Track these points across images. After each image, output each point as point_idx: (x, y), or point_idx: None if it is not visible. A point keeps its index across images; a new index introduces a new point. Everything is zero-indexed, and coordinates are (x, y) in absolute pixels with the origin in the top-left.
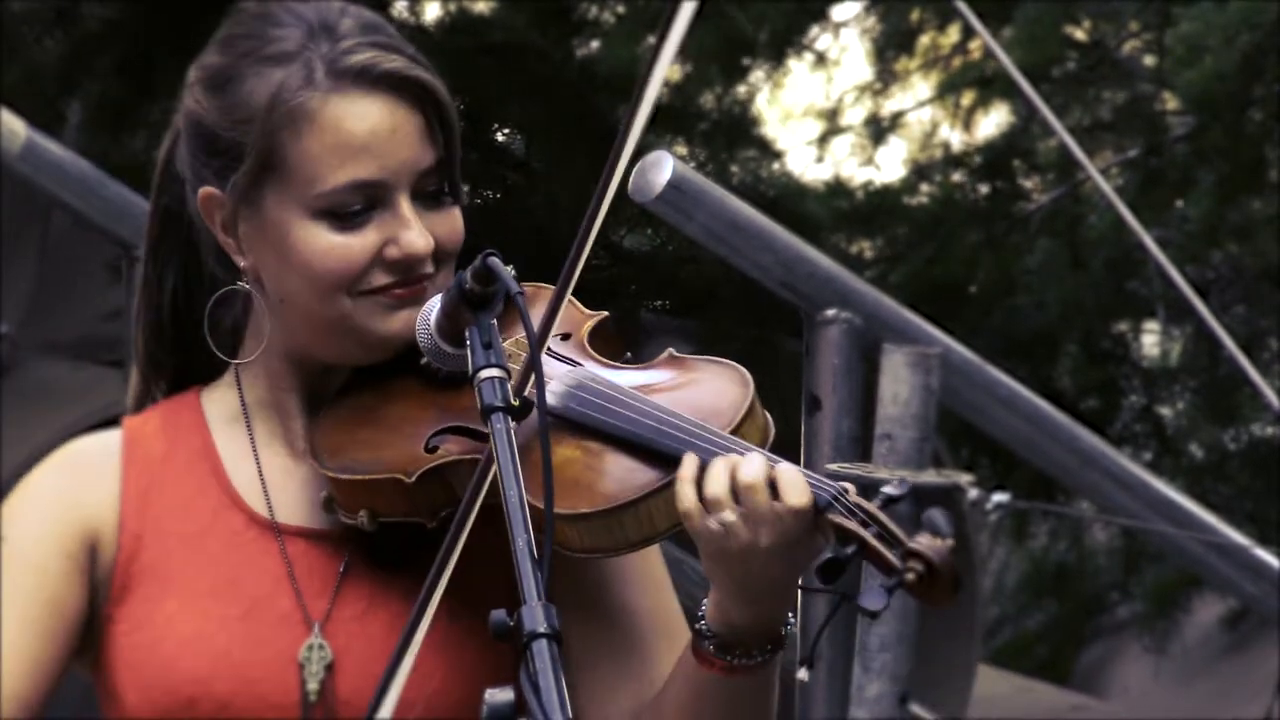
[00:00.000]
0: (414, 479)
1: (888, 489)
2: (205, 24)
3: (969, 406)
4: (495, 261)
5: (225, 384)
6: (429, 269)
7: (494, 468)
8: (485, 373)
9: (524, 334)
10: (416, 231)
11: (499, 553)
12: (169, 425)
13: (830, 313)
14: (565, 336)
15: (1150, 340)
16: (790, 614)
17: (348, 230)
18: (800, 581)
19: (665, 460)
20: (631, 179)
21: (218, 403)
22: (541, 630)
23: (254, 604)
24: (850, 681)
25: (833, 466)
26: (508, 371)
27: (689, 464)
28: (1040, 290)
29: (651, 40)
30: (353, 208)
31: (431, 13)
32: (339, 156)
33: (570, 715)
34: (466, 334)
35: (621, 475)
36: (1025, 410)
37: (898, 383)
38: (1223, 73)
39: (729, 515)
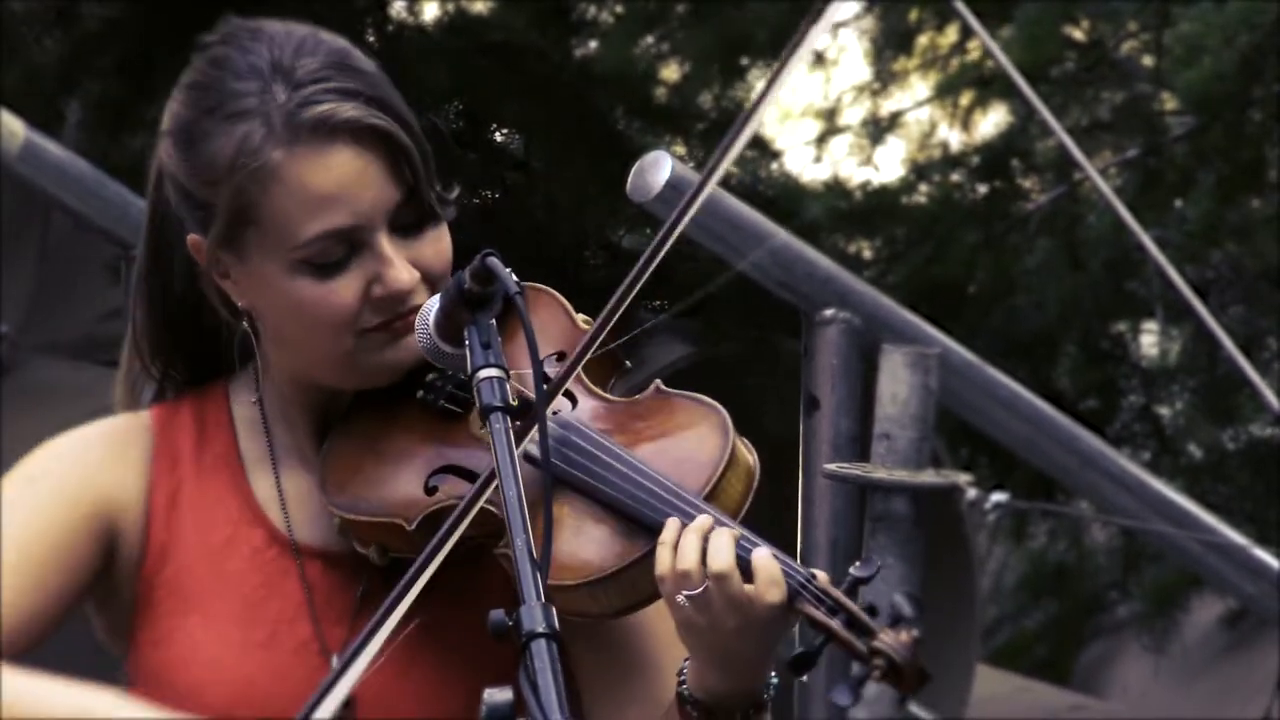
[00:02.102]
0: (414, 526)
1: (855, 570)
2: (205, 24)
3: (967, 406)
4: (494, 261)
5: (247, 384)
6: (419, 299)
7: (476, 506)
8: (484, 372)
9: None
10: (398, 267)
11: (484, 596)
12: (198, 419)
13: (829, 312)
14: (560, 356)
15: (1149, 340)
16: (771, 676)
17: (331, 277)
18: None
19: (646, 528)
20: (630, 179)
21: (243, 404)
22: (540, 630)
23: (275, 630)
24: None
25: (831, 466)
26: (506, 371)
27: (671, 529)
28: (1039, 290)
29: (650, 39)
30: (333, 257)
31: (430, 12)
32: (308, 210)
33: (569, 715)
34: (465, 333)
35: (603, 541)
36: (1024, 410)
37: (896, 382)
38: (1222, 73)
39: (697, 592)
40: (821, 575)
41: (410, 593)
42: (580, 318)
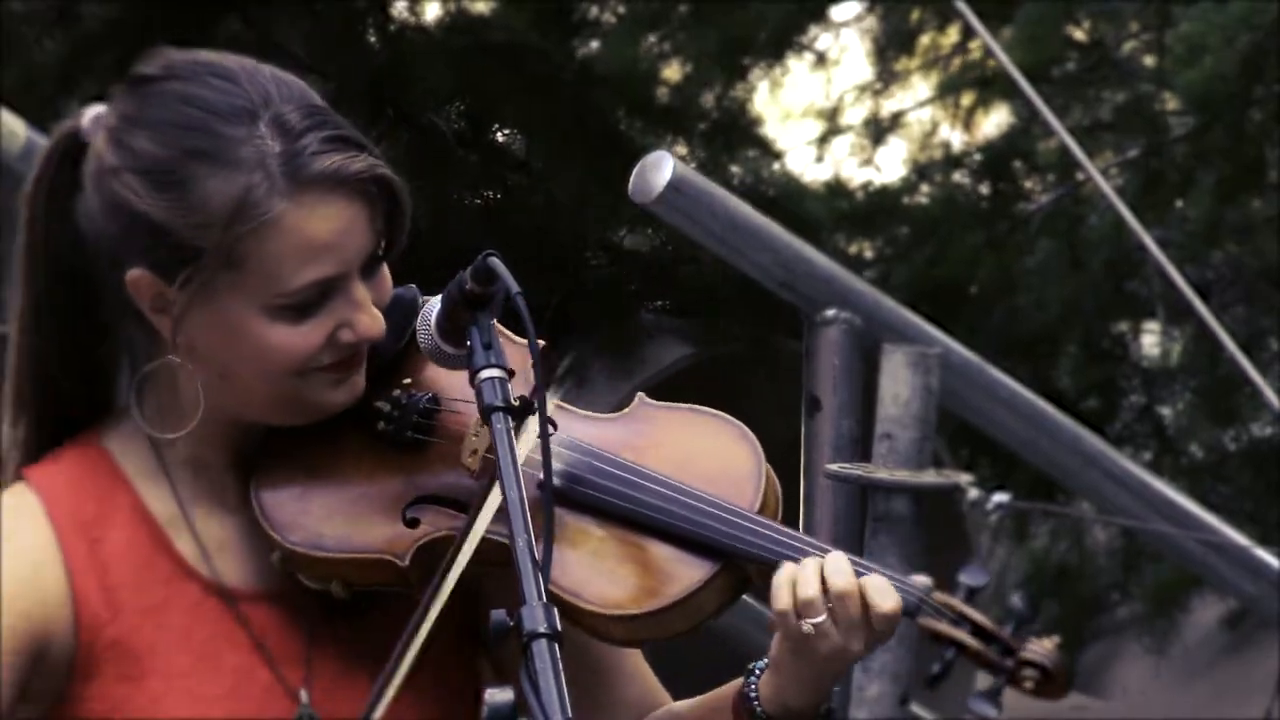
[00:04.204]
0: (408, 561)
1: (965, 579)
2: (205, 24)
3: (969, 407)
4: (496, 261)
5: (129, 432)
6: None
7: (470, 541)
8: (485, 373)
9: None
10: (371, 314)
11: (466, 631)
12: (88, 481)
13: (830, 313)
14: (509, 374)
15: (1150, 340)
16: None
17: (304, 320)
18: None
19: (702, 548)
20: (632, 180)
21: (131, 455)
22: (542, 630)
23: (235, 681)
24: (850, 681)
25: (832, 467)
26: (509, 371)
27: (787, 567)
28: (1040, 290)
29: (652, 39)
30: (310, 302)
31: (432, 12)
32: (302, 259)
33: (570, 715)
34: (467, 334)
35: (662, 568)
36: (1025, 410)
37: (898, 383)
38: (1223, 73)
39: (822, 619)
40: (931, 584)
41: (422, 630)
42: (517, 340)
